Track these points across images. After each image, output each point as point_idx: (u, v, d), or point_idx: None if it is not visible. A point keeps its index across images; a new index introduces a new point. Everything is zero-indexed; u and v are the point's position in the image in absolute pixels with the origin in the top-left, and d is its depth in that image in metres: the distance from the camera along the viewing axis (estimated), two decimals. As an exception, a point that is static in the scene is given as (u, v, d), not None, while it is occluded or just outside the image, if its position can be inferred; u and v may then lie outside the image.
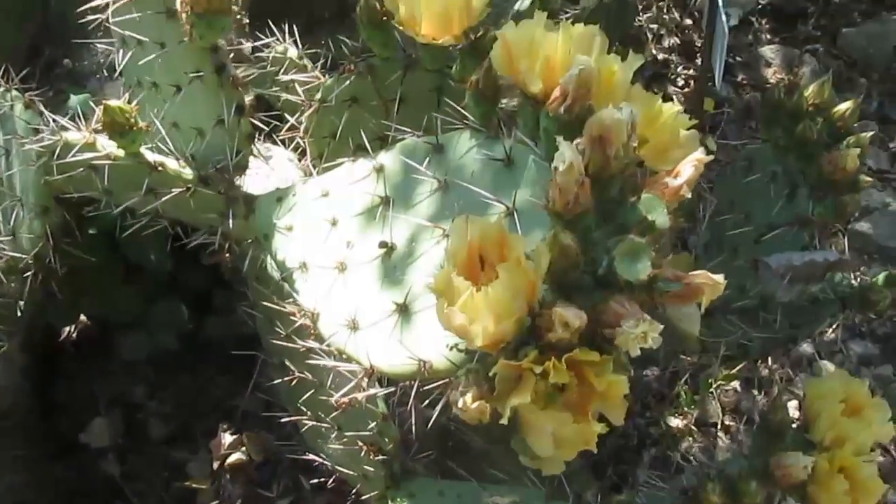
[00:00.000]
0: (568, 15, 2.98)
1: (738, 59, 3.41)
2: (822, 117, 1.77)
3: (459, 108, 1.40)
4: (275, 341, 1.54)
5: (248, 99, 1.50)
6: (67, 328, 2.53)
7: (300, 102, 1.72)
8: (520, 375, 1.07)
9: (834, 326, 2.63)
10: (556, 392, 1.07)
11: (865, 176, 1.71)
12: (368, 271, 1.37)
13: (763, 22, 3.53)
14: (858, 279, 1.88)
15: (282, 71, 1.92)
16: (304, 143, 1.87)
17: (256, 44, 1.99)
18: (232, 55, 1.48)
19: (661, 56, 3.44)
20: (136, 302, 2.54)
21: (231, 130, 1.46)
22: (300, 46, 2.01)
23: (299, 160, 2.01)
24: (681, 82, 3.39)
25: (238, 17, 2.77)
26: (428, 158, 1.39)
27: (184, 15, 1.35)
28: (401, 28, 1.44)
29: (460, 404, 1.07)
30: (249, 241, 1.56)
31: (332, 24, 2.56)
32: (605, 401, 1.09)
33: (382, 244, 1.37)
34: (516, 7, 2.55)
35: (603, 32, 1.28)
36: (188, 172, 1.49)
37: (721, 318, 2.05)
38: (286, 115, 1.79)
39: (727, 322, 2.03)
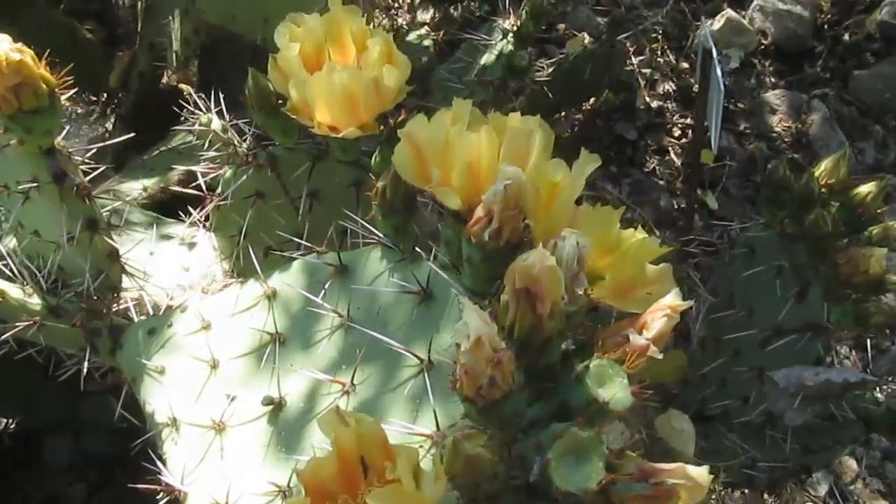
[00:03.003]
0: (552, 59, 2.69)
1: (739, 105, 3.10)
2: (839, 200, 1.45)
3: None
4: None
5: (108, 209, 1.20)
6: (-4, 429, 2.25)
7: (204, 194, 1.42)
8: None
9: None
10: None
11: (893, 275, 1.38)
12: (251, 435, 1.06)
13: (766, 63, 3.21)
14: (886, 392, 1.55)
15: (205, 145, 1.63)
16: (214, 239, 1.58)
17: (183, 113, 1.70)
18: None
19: (655, 104, 3.13)
20: (61, 401, 2.25)
21: (82, 249, 1.16)
22: (226, 117, 1.71)
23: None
24: (677, 132, 3.08)
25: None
26: (330, 282, 1.07)
27: (-5, 116, 1.04)
28: (294, 117, 1.13)
29: None
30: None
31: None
32: None
33: (268, 400, 1.05)
34: (482, 62, 2.25)
35: (545, 127, 0.96)
36: (35, 302, 1.18)
37: (720, 434, 1.73)
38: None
39: (727, 439, 1.70)
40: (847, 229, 1.43)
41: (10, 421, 2.34)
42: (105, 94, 3.07)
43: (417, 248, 1.05)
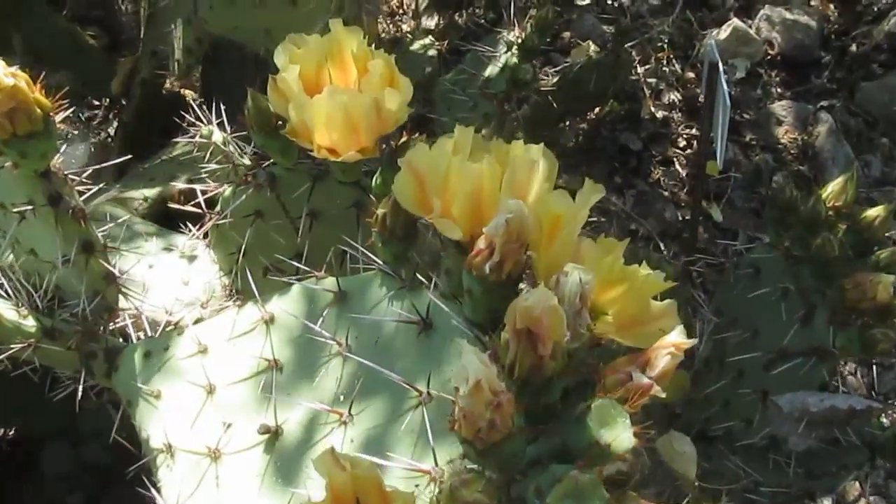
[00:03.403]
0: (557, 68, 2.68)
1: (745, 116, 3.08)
2: (846, 224, 1.43)
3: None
4: None
5: (105, 229, 1.18)
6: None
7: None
8: None
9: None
10: None
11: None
12: (246, 464, 1.04)
13: (773, 74, 3.19)
14: (891, 417, 1.53)
15: (206, 157, 1.62)
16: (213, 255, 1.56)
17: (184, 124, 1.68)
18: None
19: (660, 114, 3.11)
20: (59, 411, 2.24)
21: (78, 272, 1.14)
22: (227, 129, 1.70)
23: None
24: (682, 143, 3.06)
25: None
26: (328, 310, 1.06)
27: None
28: (293, 140, 1.12)
29: None
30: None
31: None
32: None
33: (264, 429, 1.04)
34: (486, 74, 2.24)
35: (549, 155, 0.95)
36: (30, 324, 1.17)
37: (723, 456, 1.71)
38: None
39: (730, 461, 1.68)
40: (854, 253, 1.41)
41: (10, 428, 2.33)
42: (107, 100, 3.06)
43: (418, 275, 1.03)
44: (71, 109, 1.10)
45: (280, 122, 1.16)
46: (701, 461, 1.54)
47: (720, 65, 2.04)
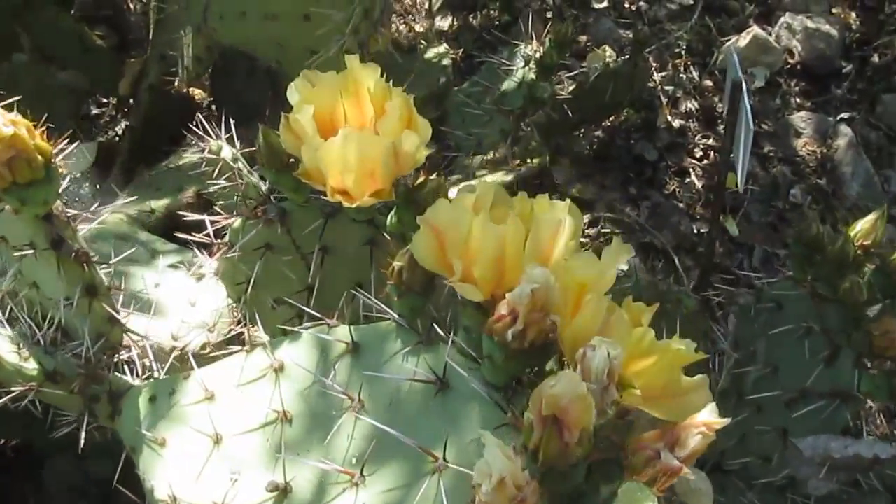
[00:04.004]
0: (572, 73, 2.62)
1: (763, 126, 3.02)
2: (874, 263, 1.38)
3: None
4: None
5: (104, 274, 1.14)
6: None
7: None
8: None
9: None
10: None
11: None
12: (253, 521, 1.00)
13: (792, 84, 3.13)
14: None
15: (215, 173, 1.58)
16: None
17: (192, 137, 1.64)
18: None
19: (677, 122, 3.05)
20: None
21: (80, 315, 1.10)
22: (237, 144, 1.66)
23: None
24: (699, 153, 3.00)
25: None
26: (340, 362, 1.02)
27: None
28: (305, 182, 1.07)
29: None
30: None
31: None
32: None
33: (272, 486, 1.00)
34: (502, 88, 2.18)
35: (574, 211, 0.90)
36: (31, 367, 1.13)
37: (739, 490, 1.67)
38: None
39: (745, 497, 1.65)
40: (882, 295, 1.37)
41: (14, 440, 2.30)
42: (115, 100, 3.02)
43: (436, 326, 0.99)
44: (74, 145, 1.05)
45: (292, 160, 1.12)
46: (716, 495, 1.50)
47: (744, 83, 1.99)
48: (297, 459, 0.99)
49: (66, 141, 1.03)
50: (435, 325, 0.98)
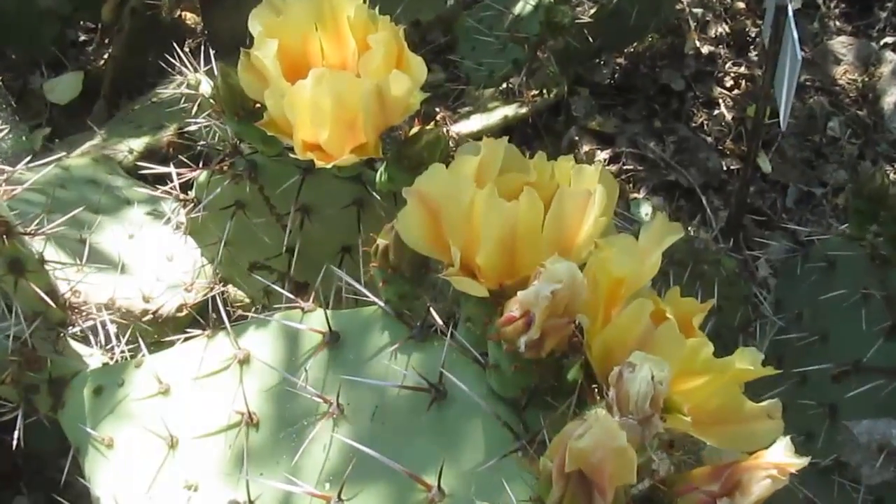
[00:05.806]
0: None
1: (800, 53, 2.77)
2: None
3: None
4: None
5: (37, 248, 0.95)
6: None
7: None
8: None
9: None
10: None
11: None
12: (212, 545, 0.84)
13: (832, 5, 2.88)
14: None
15: (194, 110, 1.39)
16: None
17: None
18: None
19: (705, 49, 2.81)
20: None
21: (5, 290, 0.92)
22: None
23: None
24: (729, 82, 2.77)
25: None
26: (315, 356, 0.84)
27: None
28: (271, 134, 0.88)
29: None
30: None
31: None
32: None
33: (233, 505, 0.83)
34: (516, 11, 1.96)
35: (607, 178, 0.70)
36: (-48, 355, 0.95)
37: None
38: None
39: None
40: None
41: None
42: (101, 25, 2.82)
43: (432, 313, 0.80)
44: None
45: (258, 106, 0.92)
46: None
47: (789, 6, 1.76)
48: (263, 479, 0.81)
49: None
50: (429, 315, 0.80)
